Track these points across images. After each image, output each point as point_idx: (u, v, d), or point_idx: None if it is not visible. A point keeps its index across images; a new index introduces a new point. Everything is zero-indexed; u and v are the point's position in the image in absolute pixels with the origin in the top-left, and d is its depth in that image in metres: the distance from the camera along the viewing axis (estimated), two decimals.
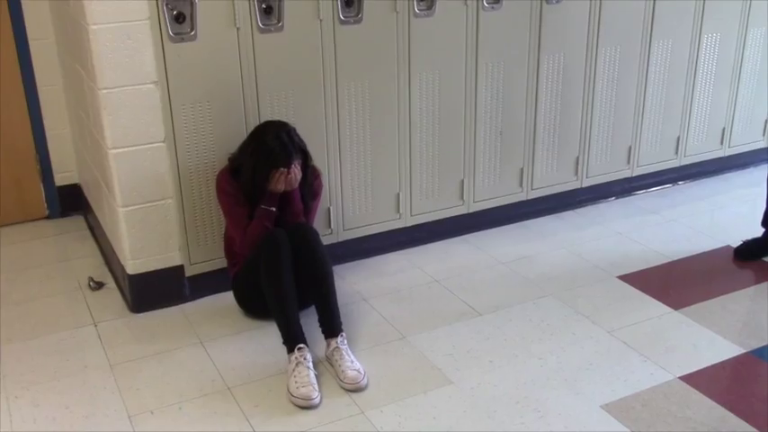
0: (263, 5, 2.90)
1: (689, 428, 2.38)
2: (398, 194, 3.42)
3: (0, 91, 3.65)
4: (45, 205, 3.93)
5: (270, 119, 2.95)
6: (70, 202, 3.94)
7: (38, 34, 3.66)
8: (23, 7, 3.59)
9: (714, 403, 2.49)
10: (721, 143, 4.22)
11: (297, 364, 2.58)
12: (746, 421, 2.40)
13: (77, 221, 3.92)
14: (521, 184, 3.68)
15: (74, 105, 3.59)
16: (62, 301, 3.19)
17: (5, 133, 3.72)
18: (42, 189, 3.90)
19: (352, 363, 2.64)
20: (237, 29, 2.89)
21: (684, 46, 3.87)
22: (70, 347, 2.87)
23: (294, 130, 2.84)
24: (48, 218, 3.94)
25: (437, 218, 3.54)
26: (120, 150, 2.84)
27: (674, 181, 4.19)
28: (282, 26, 2.96)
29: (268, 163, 2.77)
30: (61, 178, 3.93)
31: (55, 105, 3.79)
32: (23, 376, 2.70)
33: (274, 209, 2.83)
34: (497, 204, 3.66)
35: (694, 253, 3.49)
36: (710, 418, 2.42)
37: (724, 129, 4.19)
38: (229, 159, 2.90)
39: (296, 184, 2.83)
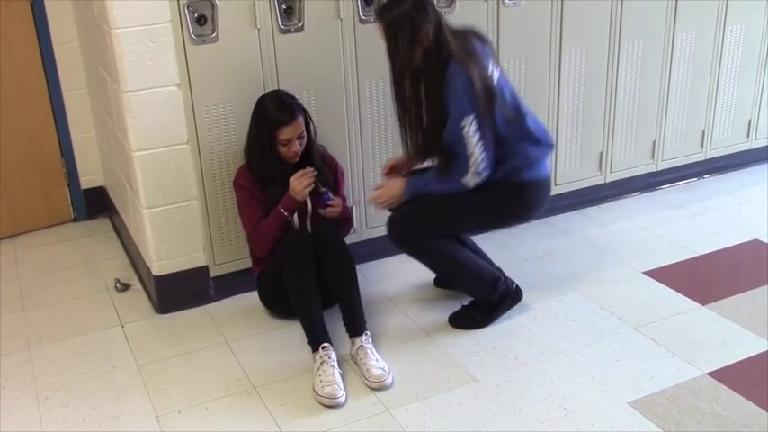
0: (284, 6, 2.90)
1: (718, 425, 2.36)
2: None
3: (26, 96, 3.70)
4: (71, 208, 3.97)
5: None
6: (96, 204, 3.98)
7: (62, 39, 3.70)
8: (48, 12, 3.63)
9: (744, 399, 2.46)
10: (747, 136, 4.17)
11: (321, 363, 2.59)
12: None
13: (103, 224, 3.96)
14: None
15: (98, 108, 3.63)
16: (89, 303, 3.22)
17: (31, 138, 3.77)
18: (68, 192, 3.94)
19: (377, 361, 2.64)
20: (258, 30, 2.90)
21: (708, 38, 3.83)
22: (98, 348, 2.90)
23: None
24: (74, 221, 3.99)
25: None
26: (143, 152, 2.86)
27: (699, 175, 4.15)
28: (303, 26, 2.96)
29: (273, 122, 2.76)
30: (87, 181, 3.97)
31: (80, 109, 3.83)
32: (53, 377, 2.73)
33: (287, 214, 2.83)
34: None
35: (721, 247, 3.45)
36: (740, 415, 2.39)
37: (750, 121, 4.14)
38: (244, 153, 2.91)
39: (302, 148, 2.83)
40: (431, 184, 2.76)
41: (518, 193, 2.78)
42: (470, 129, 2.57)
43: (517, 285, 2.97)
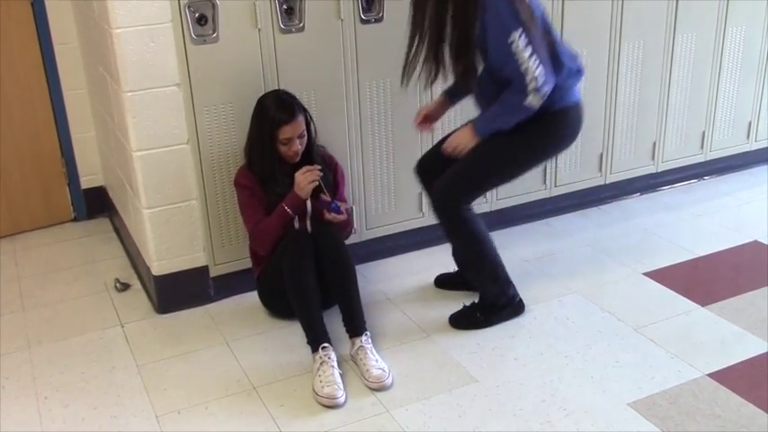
0: (285, 6, 2.91)
1: (718, 426, 2.36)
2: (421, 193, 3.41)
3: (26, 96, 3.70)
4: (71, 208, 3.97)
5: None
6: (96, 204, 3.98)
7: (62, 39, 3.70)
8: (48, 12, 3.63)
9: (743, 401, 2.46)
10: (747, 137, 4.17)
11: (321, 364, 2.59)
12: None
13: (103, 224, 3.96)
14: (544, 182, 3.66)
15: (98, 108, 3.63)
16: (89, 303, 3.22)
17: (32, 137, 3.77)
18: (68, 192, 3.94)
19: (377, 362, 2.64)
20: (259, 30, 2.90)
21: (709, 39, 3.83)
22: (98, 349, 2.90)
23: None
24: (74, 220, 3.98)
25: None
26: (144, 152, 2.86)
27: (699, 176, 4.15)
28: (304, 26, 2.96)
29: (273, 121, 2.77)
30: (87, 181, 3.97)
31: (80, 109, 3.83)
32: (53, 377, 2.73)
33: (291, 211, 2.82)
34: (520, 202, 3.64)
35: (721, 249, 3.45)
36: (740, 416, 2.39)
37: (750, 122, 4.14)
38: (244, 152, 2.92)
39: (302, 147, 2.83)
40: (497, 119, 2.63)
41: (547, 121, 2.65)
42: (520, 43, 2.42)
43: (521, 299, 2.97)
